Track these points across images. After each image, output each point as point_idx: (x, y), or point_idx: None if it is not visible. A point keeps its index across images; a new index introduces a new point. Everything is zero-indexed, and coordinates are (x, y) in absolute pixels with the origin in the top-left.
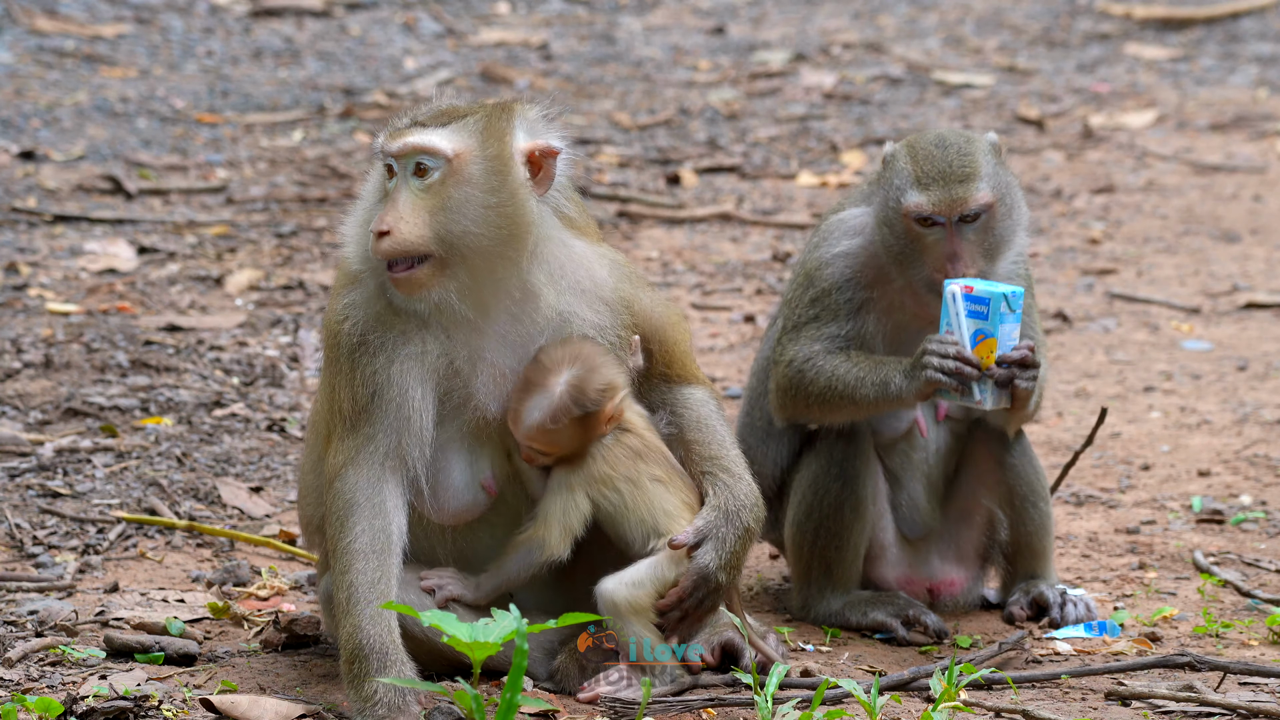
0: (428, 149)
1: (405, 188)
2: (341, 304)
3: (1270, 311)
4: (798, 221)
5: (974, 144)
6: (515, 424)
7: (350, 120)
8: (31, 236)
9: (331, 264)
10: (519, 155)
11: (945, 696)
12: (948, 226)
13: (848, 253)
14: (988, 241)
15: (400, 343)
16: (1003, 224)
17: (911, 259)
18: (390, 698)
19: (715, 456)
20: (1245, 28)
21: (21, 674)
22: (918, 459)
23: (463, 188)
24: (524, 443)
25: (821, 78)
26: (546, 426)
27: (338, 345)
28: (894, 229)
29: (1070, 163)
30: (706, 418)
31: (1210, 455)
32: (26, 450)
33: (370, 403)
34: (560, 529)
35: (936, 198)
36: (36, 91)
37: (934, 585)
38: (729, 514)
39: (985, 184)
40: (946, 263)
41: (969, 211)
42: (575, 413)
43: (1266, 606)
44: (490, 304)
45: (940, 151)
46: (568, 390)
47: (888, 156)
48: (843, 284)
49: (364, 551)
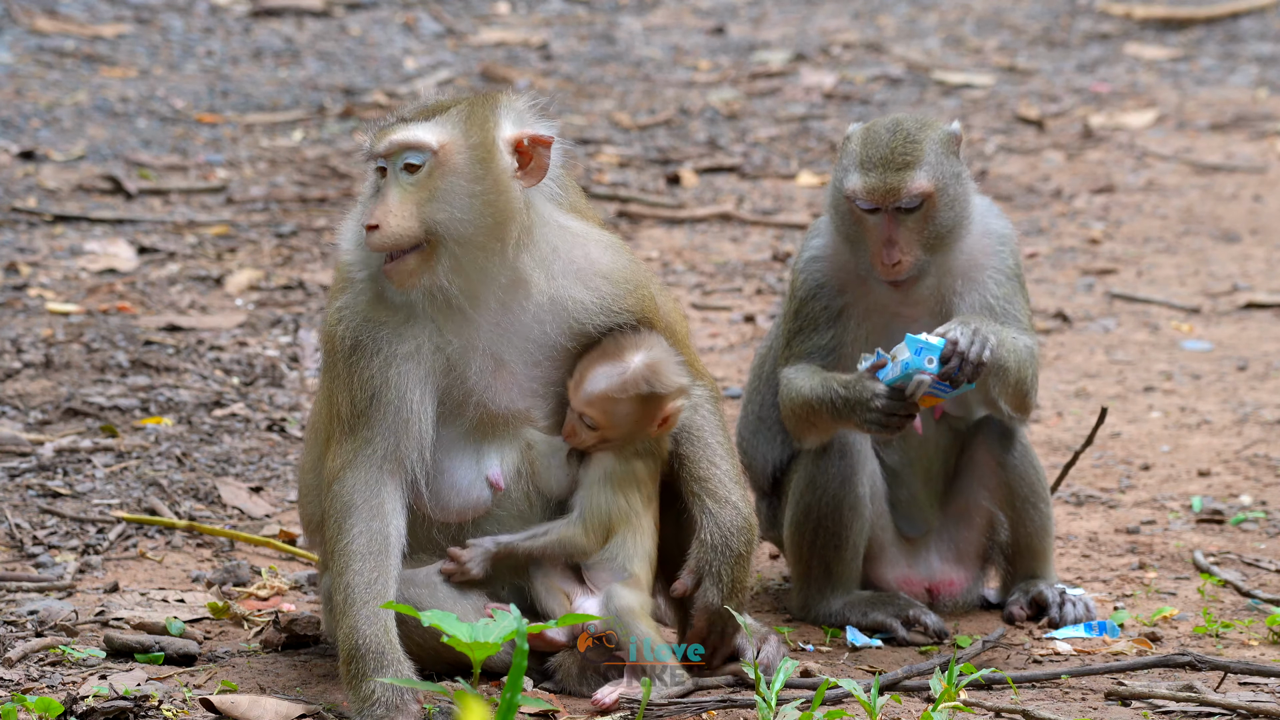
0: (413, 144)
1: (395, 184)
2: (335, 307)
3: (1270, 311)
4: (798, 221)
5: (925, 131)
6: (576, 390)
7: (350, 120)
8: (31, 236)
9: (331, 264)
10: (504, 144)
11: (945, 696)
12: (885, 210)
13: (817, 254)
14: (927, 232)
15: (395, 343)
16: (944, 215)
17: (859, 243)
18: (388, 697)
19: (704, 478)
20: (1245, 28)
21: (21, 674)
22: (915, 457)
23: (449, 178)
24: (580, 409)
25: (821, 78)
26: (613, 395)
27: (334, 349)
28: (840, 210)
29: (1070, 163)
30: (700, 427)
31: (1210, 455)
32: (26, 450)
33: (368, 406)
34: (599, 528)
35: (871, 184)
36: (36, 91)
37: (933, 585)
38: (717, 547)
39: (924, 173)
40: (882, 249)
41: (902, 202)
42: (644, 389)
43: (1266, 606)
44: (479, 292)
45: (888, 136)
46: (644, 366)
47: (845, 137)
48: (816, 290)
49: (361, 553)
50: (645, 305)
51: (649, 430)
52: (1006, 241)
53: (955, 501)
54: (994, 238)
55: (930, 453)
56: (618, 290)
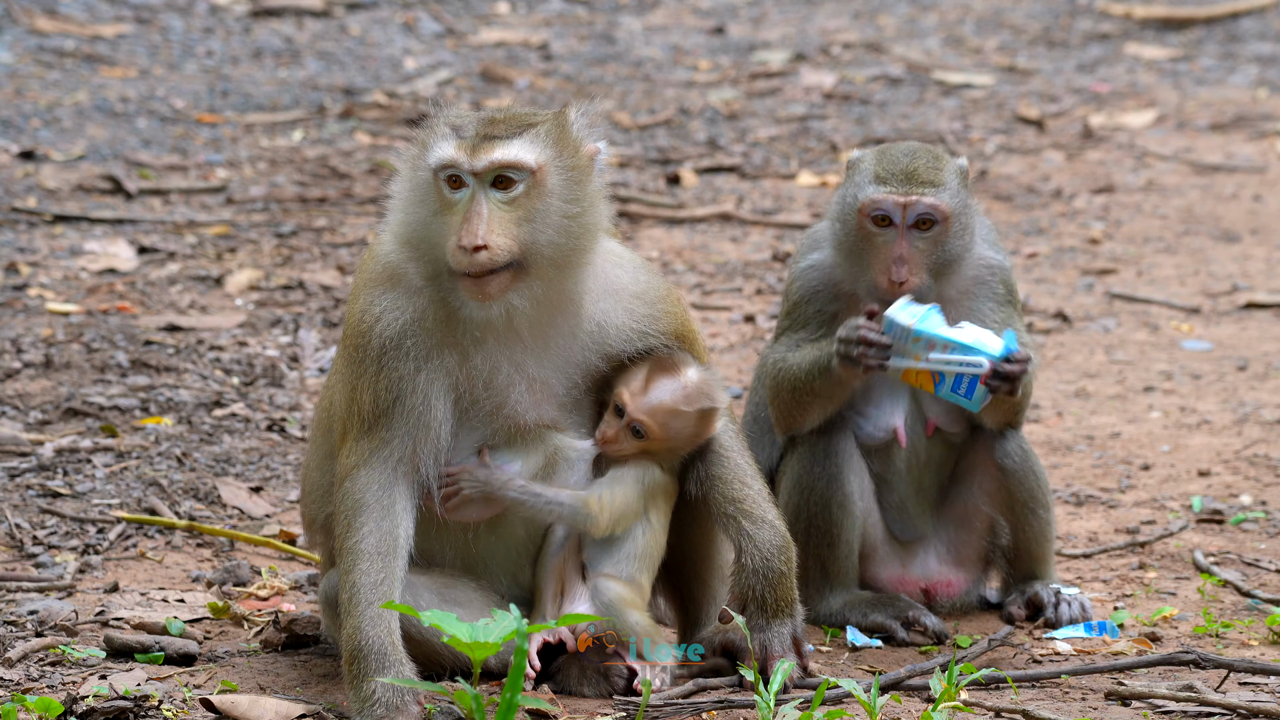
0: (514, 164)
1: (487, 200)
2: (379, 303)
3: (1270, 311)
4: (798, 221)
5: (942, 160)
6: (636, 399)
7: (350, 120)
8: (31, 236)
9: (332, 264)
10: (594, 162)
11: (945, 696)
12: (899, 228)
13: (815, 265)
14: (936, 256)
15: (433, 351)
16: (954, 242)
17: (861, 260)
18: (388, 697)
19: (738, 499)
20: (1245, 28)
21: (21, 674)
22: (902, 467)
23: (546, 198)
24: (638, 418)
25: (821, 78)
26: (679, 408)
27: (366, 344)
28: (847, 226)
29: (1070, 163)
30: (729, 448)
31: (1210, 455)
32: (26, 450)
33: (391, 407)
34: (611, 516)
35: (893, 191)
36: (36, 91)
37: (930, 586)
38: (759, 570)
39: (945, 194)
40: (891, 265)
41: (923, 211)
42: (705, 405)
43: (1266, 606)
44: (541, 313)
45: (907, 158)
46: (702, 381)
47: (853, 160)
48: (811, 296)
49: (370, 553)
50: (677, 327)
51: (694, 444)
52: (998, 272)
53: (954, 505)
54: (987, 268)
55: (921, 464)
56: (652, 312)
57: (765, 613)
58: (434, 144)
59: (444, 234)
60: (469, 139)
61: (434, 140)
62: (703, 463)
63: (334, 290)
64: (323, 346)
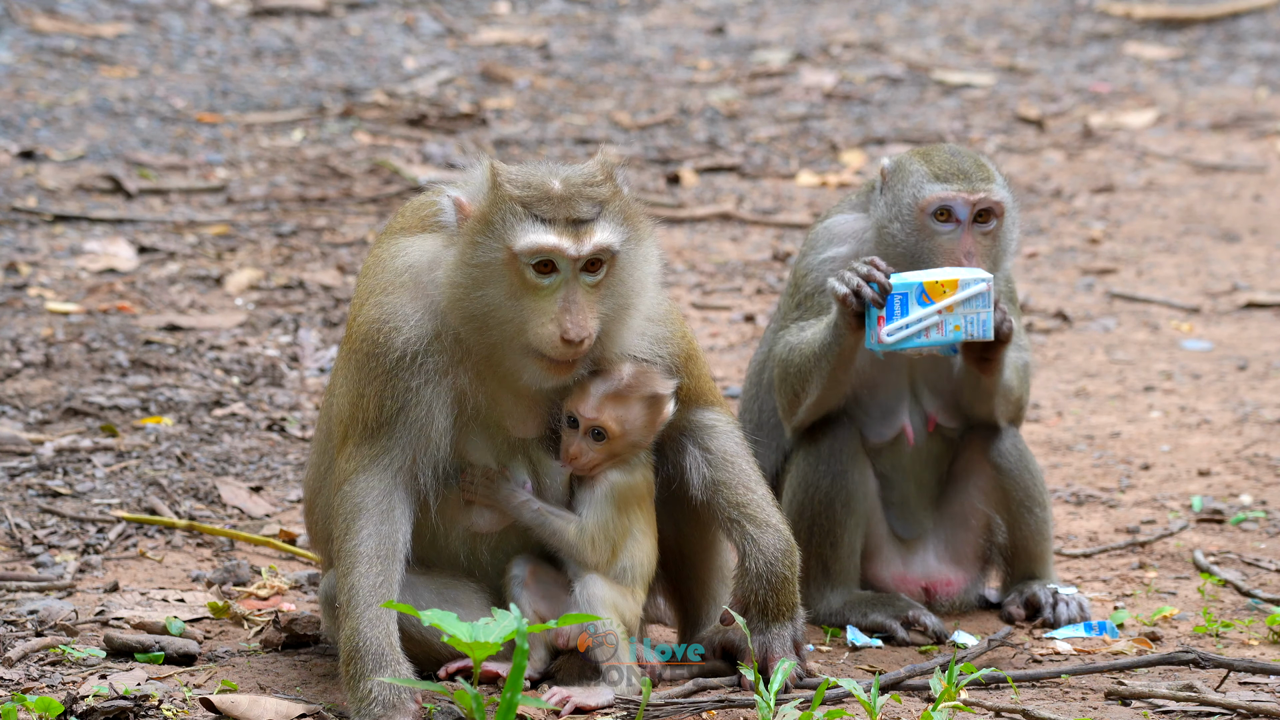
0: (606, 247)
1: (580, 286)
2: (398, 314)
3: (1270, 311)
4: (798, 221)
5: (984, 158)
6: (581, 401)
7: (350, 120)
8: (31, 236)
9: (332, 263)
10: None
11: (945, 696)
12: (964, 223)
13: (834, 258)
14: (993, 250)
15: (450, 369)
16: (1006, 235)
17: (918, 260)
18: (386, 696)
19: (741, 503)
20: (1245, 27)
21: (21, 674)
22: (906, 464)
23: (621, 274)
24: (591, 419)
25: (821, 77)
26: (624, 397)
27: (379, 354)
28: (906, 226)
29: (1070, 162)
30: (733, 454)
31: (1210, 455)
32: (26, 450)
33: (395, 417)
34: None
35: (958, 187)
36: (36, 91)
37: (930, 584)
38: (762, 575)
39: (1000, 187)
40: (961, 259)
41: (990, 204)
42: (647, 390)
43: (1266, 606)
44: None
45: (955, 157)
46: (638, 370)
47: (891, 166)
48: (826, 288)
49: (368, 555)
50: (684, 346)
51: (653, 433)
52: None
53: (951, 504)
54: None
55: (922, 460)
56: (664, 331)
57: (767, 616)
58: (512, 225)
59: (525, 318)
60: (559, 222)
61: (509, 220)
62: (707, 468)
63: (334, 290)
64: (323, 346)
